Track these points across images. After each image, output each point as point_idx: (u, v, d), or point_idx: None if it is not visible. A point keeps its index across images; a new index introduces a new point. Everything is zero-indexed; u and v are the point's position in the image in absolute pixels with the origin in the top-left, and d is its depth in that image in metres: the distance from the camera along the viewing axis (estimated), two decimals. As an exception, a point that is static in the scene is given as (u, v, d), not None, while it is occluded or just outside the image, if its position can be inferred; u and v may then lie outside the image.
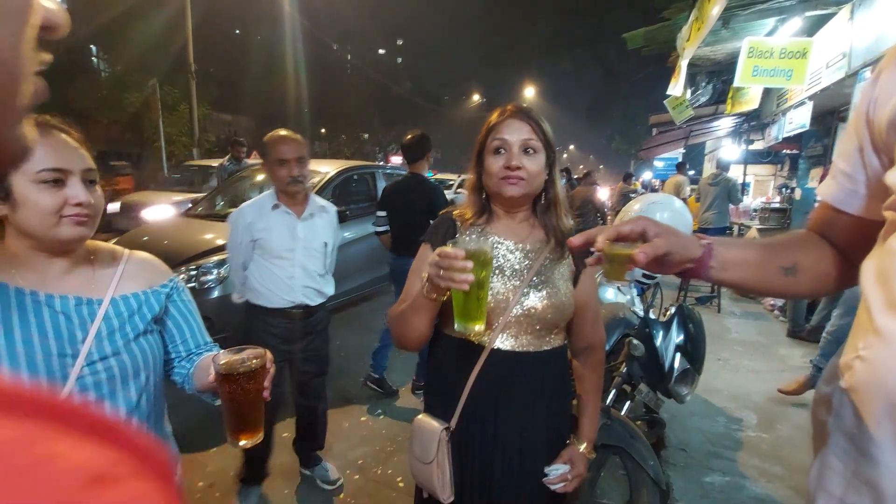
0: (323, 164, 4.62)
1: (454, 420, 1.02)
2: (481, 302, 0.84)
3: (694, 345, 1.91)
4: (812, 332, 4.12)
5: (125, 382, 0.84)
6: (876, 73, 0.62)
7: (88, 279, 0.86)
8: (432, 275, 0.83)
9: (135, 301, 0.90)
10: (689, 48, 4.45)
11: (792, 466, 2.36)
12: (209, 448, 2.35)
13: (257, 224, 1.89)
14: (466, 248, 0.80)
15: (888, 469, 0.53)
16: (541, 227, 1.07)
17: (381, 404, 2.94)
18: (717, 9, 3.44)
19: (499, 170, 0.99)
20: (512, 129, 0.99)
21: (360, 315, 4.65)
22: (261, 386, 0.83)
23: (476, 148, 1.05)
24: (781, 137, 6.10)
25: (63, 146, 0.79)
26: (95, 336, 0.81)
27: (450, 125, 33.11)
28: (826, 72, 4.54)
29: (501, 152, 0.99)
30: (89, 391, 0.80)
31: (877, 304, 0.56)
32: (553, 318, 1.01)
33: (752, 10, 4.50)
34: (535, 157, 0.99)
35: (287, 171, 1.83)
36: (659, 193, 2.29)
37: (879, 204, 0.61)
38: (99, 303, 0.84)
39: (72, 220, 0.78)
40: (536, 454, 1.05)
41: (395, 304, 1.07)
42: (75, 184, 0.78)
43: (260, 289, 1.93)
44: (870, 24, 3.78)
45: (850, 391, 0.58)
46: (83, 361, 0.79)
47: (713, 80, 7.89)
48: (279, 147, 1.83)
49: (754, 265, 0.73)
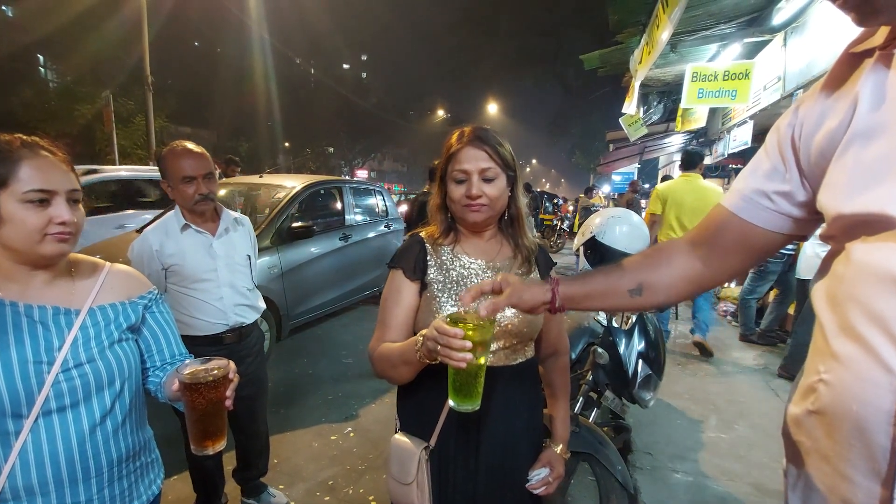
0: (289, 179, 4.56)
1: (434, 438, 1.01)
2: (479, 380, 0.81)
3: (655, 351, 2.00)
4: (762, 335, 4.38)
5: (99, 389, 0.88)
6: (797, 103, 0.69)
7: (68, 291, 0.90)
8: (430, 347, 0.81)
9: (112, 311, 0.93)
10: (641, 70, 4.73)
11: (750, 464, 2.48)
12: (169, 476, 2.21)
13: (166, 249, 1.68)
14: (465, 326, 0.77)
15: (865, 490, 0.54)
16: (508, 244, 1.09)
17: (350, 423, 2.88)
18: (665, 34, 3.69)
19: (461, 197, 1.00)
20: (470, 158, 0.99)
21: (329, 331, 4.56)
22: (223, 395, 0.86)
23: (438, 172, 1.06)
24: (727, 153, 6.52)
25: (50, 167, 0.83)
26: (72, 344, 0.85)
27: (416, 140, 33.35)
28: (764, 93, 4.92)
29: (462, 181, 1.00)
30: (64, 397, 0.83)
31: (831, 328, 0.59)
32: (528, 331, 1.04)
33: (696, 36, 4.84)
34: (494, 182, 1.00)
35: (195, 190, 1.64)
36: (618, 208, 2.40)
37: (788, 219, 0.70)
38: (77, 313, 0.88)
39: (55, 238, 0.83)
40: (517, 467, 1.07)
41: (375, 335, 1.04)
42: (60, 203, 0.83)
43: (185, 319, 1.72)
44: (801, 50, 4.14)
45: (817, 414, 0.60)
46: (59, 368, 0.83)
47: (664, 100, 8.37)
48: (184, 163, 1.62)
49: (600, 294, 0.83)
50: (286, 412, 2.98)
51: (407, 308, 1.03)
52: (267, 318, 3.58)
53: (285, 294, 3.81)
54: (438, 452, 1.02)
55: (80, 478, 0.85)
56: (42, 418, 0.81)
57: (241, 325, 1.84)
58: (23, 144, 0.83)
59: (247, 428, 2.00)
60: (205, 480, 1.93)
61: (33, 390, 0.80)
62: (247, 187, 4.45)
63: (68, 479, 0.84)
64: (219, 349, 1.78)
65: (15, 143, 0.82)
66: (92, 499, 0.87)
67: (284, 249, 3.86)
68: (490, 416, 1.01)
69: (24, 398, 0.79)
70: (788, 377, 3.53)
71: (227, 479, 2.06)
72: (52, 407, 0.82)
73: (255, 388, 1.96)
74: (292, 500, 2.16)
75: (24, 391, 0.79)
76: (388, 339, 1.00)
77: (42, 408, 0.81)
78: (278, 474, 2.33)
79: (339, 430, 2.80)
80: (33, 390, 0.80)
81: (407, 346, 0.92)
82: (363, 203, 5.30)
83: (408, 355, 0.90)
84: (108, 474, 0.89)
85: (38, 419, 0.81)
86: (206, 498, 1.96)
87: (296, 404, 3.10)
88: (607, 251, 2.24)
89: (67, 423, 0.84)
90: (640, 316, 2.02)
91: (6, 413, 0.78)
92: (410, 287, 1.03)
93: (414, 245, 1.08)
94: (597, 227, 2.27)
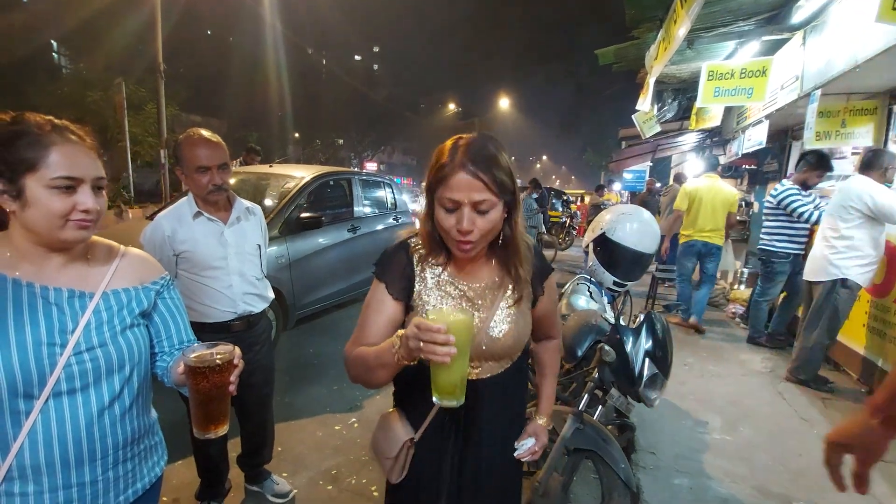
0: (298, 170, 4.56)
1: (419, 434, 1.04)
2: (462, 375, 0.80)
3: (662, 350, 1.98)
4: (770, 337, 4.33)
5: (109, 373, 0.88)
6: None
7: (83, 274, 0.90)
8: (411, 346, 0.76)
9: (125, 296, 0.94)
10: (657, 66, 4.66)
11: (754, 466, 2.46)
12: (174, 461, 2.26)
13: (178, 236, 1.69)
14: (447, 320, 0.75)
15: None
16: (499, 264, 1.04)
17: (355, 413, 2.90)
18: (682, 30, 3.62)
19: (450, 227, 0.91)
20: (462, 186, 0.87)
21: (336, 322, 4.59)
22: (227, 380, 0.86)
23: (426, 185, 0.95)
24: (741, 153, 6.42)
25: (79, 154, 0.83)
26: (84, 327, 0.86)
27: (426, 133, 33.24)
28: (781, 93, 4.83)
29: (452, 210, 0.90)
30: (75, 379, 0.84)
31: None
32: (516, 345, 1.04)
33: (714, 32, 4.75)
34: (489, 214, 0.90)
35: (209, 180, 1.64)
36: (629, 205, 2.38)
37: None
38: (91, 296, 0.89)
39: (76, 224, 0.83)
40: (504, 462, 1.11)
41: (353, 338, 0.99)
42: (85, 191, 0.83)
43: (194, 305, 1.73)
44: (820, 49, 4.05)
45: None
46: (71, 351, 0.83)
47: (679, 97, 8.25)
48: (199, 152, 1.61)
49: None
50: (291, 401, 3.00)
51: (388, 320, 0.98)
52: (273, 307, 3.60)
53: (292, 284, 3.82)
54: (423, 444, 1.04)
55: (86, 459, 0.86)
56: (52, 399, 0.82)
57: (250, 314, 1.86)
58: (53, 129, 0.82)
59: (254, 415, 2.02)
60: (209, 466, 1.96)
61: (45, 372, 0.80)
62: (256, 177, 4.46)
63: (74, 461, 0.85)
64: (227, 337, 1.78)
65: (46, 126, 0.81)
66: (96, 480, 0.88)
67: (293, 239, 3.87)
68: (476, 422, 1.04)
69: (37, 379, 0.80)
70: (795, 381, 3.49)
71: (232, 465, 2.08)
72: (62, 389, 0.82)
73: (262, 377, 1.97)
74: (295, 488, 2.18)
75: (37, 372, 0.80)
76: (366, 344, 0.96)
77: (53, 389, 0.81)
78: (282, 462, 2.35)
79: (343, 420, 2.82)
80: (45, 372, 0.80)
81: (383, 348, 0.87)
82: (372, 195, 5.30)
83: (384, 357, 0.85)
84: (112, 457, 0.90)
85: (48, 400, 0.81)
86: (210, 483, 1.98)
87: (301, 393, 3.12)
88: (617, 248, 2.22)
89: (77, 405, 0.84)
90: (648, 314, 2.00)
91: (18, 393, 0.79)
92: (394, 304, 0.99)
93: (401, 257, 1.01)
94: (607, 223, 2.25)
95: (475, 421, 1.04)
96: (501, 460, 1.10)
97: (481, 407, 1.03)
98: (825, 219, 3.39)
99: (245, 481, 2.14)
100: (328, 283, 4.34)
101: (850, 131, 4.40)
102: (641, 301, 5.59)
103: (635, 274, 2.32)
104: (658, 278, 5.59)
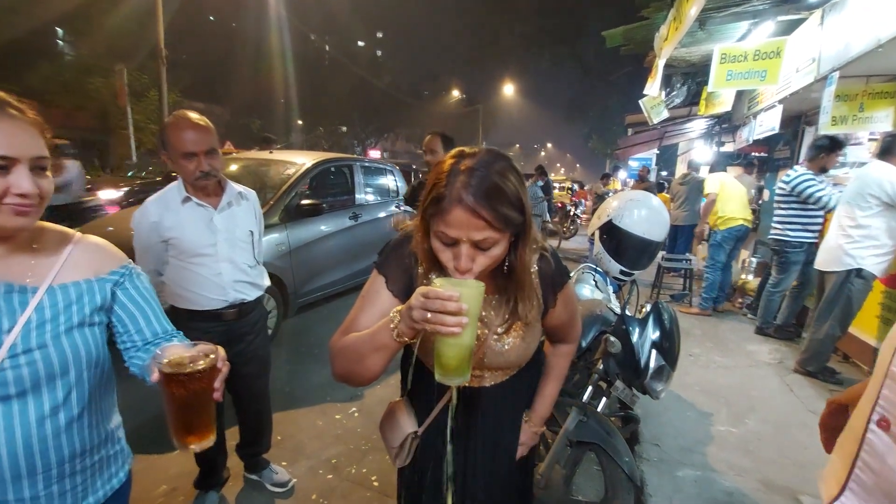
0: (300, 156, 4.49)
1: (422, 429, 1.03)
2: (470, 349, 0.74)
3: (669, 341, 1.92)
4: (779, 329, 4.25)
5: (51, 378, 0.78)
6: None
7: (26, 265, 0.80)
8: (417, 317, 0.69)
9: (74, 290, 0.83)
10: (667, 47, 4.51)
11: (759, 459, 2.42)
12: (171, 450, 2.24)
13: (165, 222, 1.63)
14: (458, 288, 0.69)
15: None
16: (501, 290, 0.95)
17: (355, 403, 2.87)
18: (694, 9, 3.48)
19: (447, 261, 0.82)
20: (461, 224, 0.76)
21: (336, 311, 4.56)
22: (209, 387, 0.75)
23: (421, 207, 0.83)
24: (752, 140, 6.25)
25: (14, 130, 0.72)
26: (23, 326, 0.75)
27: (430, 120, 32.93)
28: (796, 76, 4.66)
29: (449, 244, 0.80)
30: (9, 386, 0.74)
31: None
32: (521, 359, 1.00)
33: (727, 12, 4.58)
34: (491, 250, 0.80)
35: (195, 167, 1.56)
36: (637, 192, 2.30)
37: None
38: (34, 291, 0.78)
39: (12, 210, 0.73)
40: (504, 465, 1.09)
41: (340, 330, 0.92)
42: (20, 172, 0.73)
43: (184, 293, 1.69)
44: (839, 29, 3.89)
45: None
46: (6, 353, 0.73)
47: (688, 82, 8.03)
48: (185, 137, 1.53)
49: None
50: (291, 390, 2.98)
51: (382, 314, 0.90)
52: (274, 295, 3.57)
53: (293, 272, 3.79)
54: (426, 440, 1.05)
55: (24, 474, 0.76)
56: None
57: (242, 302, 1.81)
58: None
59: (248, 407, 1.99)
60: (207, 455, 1.94)
61: None
62: (256, 163, 4.40)
63: (11, 476, 0.75)
64: (218, 325, 1.76)
65: None
66: (38, 496, 0.79)
67: (293, 227, 3.83)
68: (480, 428, 1.03)
69: None
70: (804, 372, 3.43)
71: (231, 453, 2.07)
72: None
73: (256, 367, 1.93)
74: (295, 477, 2.16)
75: None
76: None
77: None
78: (282, 451, 2.34)
79: (343, 409, 2.80)
80: None
81: (379, 327, 0.80)
82: (374, 182, 5.23)
83: (380, 337, 0.78)
84: (57, 470, 0.80)
85: None
86: (209, 472, 1.96)
87: (301, 382, 3.10)
88: (625, 236, 2.15)
89: (12, 414, 0.74)
90: (655, 304, 1.94)
91: None
92: (391, 300, 0.92)
93: (404, 251, 0.94)
94: (614, 210, 2.18)
95: (477, 427, 1.03)
96: (508, 464, 1.10)
97: (486, 413, 1.03)
98: (841, 207, 3.29)
99: (244, 470, 2.13)
100: (329, 271, 4.31)
101: (868, 115, 4.25)
102: (648, 290, 5.52)
103: (643, 263, 2.25)
104: (664, 268, 5.51)
